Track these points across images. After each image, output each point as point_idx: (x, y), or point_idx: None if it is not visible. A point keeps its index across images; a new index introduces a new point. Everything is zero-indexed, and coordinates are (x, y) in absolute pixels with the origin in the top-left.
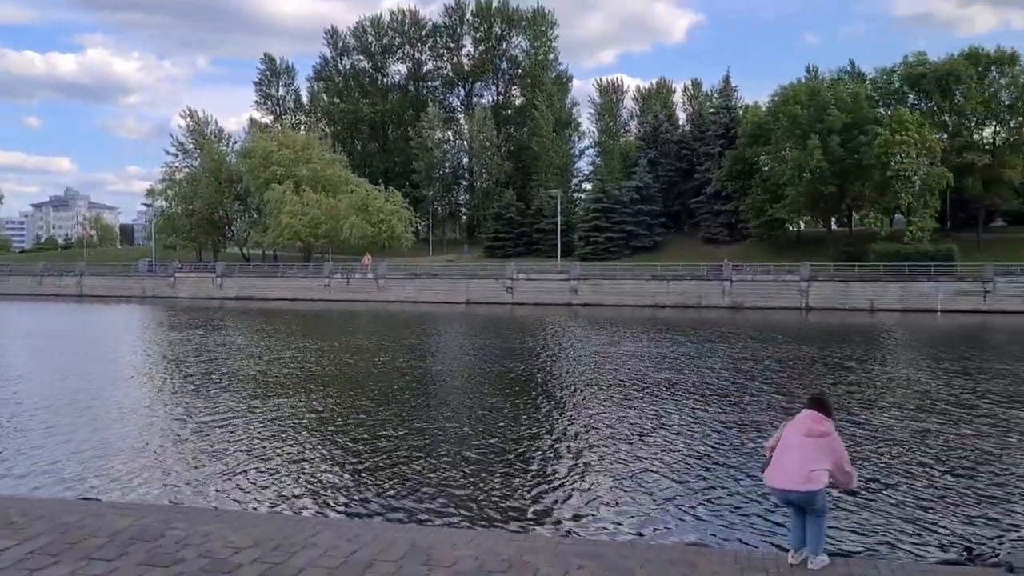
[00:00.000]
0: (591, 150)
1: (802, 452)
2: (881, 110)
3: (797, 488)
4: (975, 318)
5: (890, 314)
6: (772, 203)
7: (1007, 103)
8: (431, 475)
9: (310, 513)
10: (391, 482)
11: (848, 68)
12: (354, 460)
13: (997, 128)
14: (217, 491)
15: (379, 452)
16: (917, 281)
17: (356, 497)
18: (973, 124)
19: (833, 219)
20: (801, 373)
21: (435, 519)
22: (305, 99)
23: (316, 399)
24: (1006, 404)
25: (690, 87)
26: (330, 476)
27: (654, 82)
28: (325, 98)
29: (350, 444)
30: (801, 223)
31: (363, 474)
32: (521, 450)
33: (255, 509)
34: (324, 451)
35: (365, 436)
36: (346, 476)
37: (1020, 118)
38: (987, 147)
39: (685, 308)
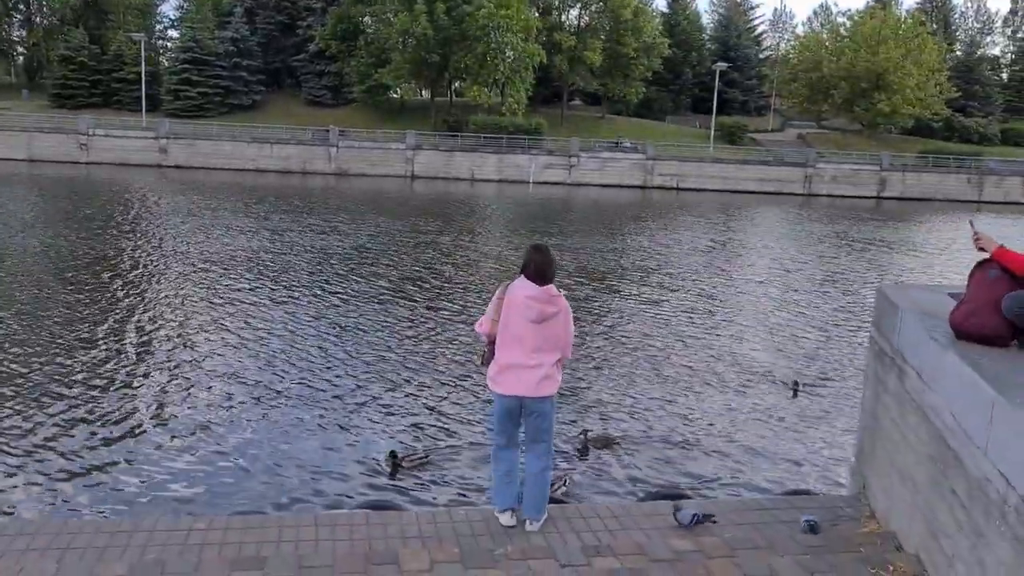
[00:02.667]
0: None
1: (534, 343)
2: None
3: (531, 394)
4: (562, 190)
5: (489, 184)
6: (377, 68)
7: None
8: None
9: None
10: None
11: None
12: None
13: (581, 11)
14: None
15: None
16: (513, 153)
17: None
18: (562, 5)
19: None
20: (388, 251)
21: None
22: None
23: None
24: (581, 281)
25: None
26: None
27: None
28: None
29: None
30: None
31: None
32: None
33: None
34: None
35: None
36: None
37: (601, 3)
38: (572, 30)
39: (289, 174)
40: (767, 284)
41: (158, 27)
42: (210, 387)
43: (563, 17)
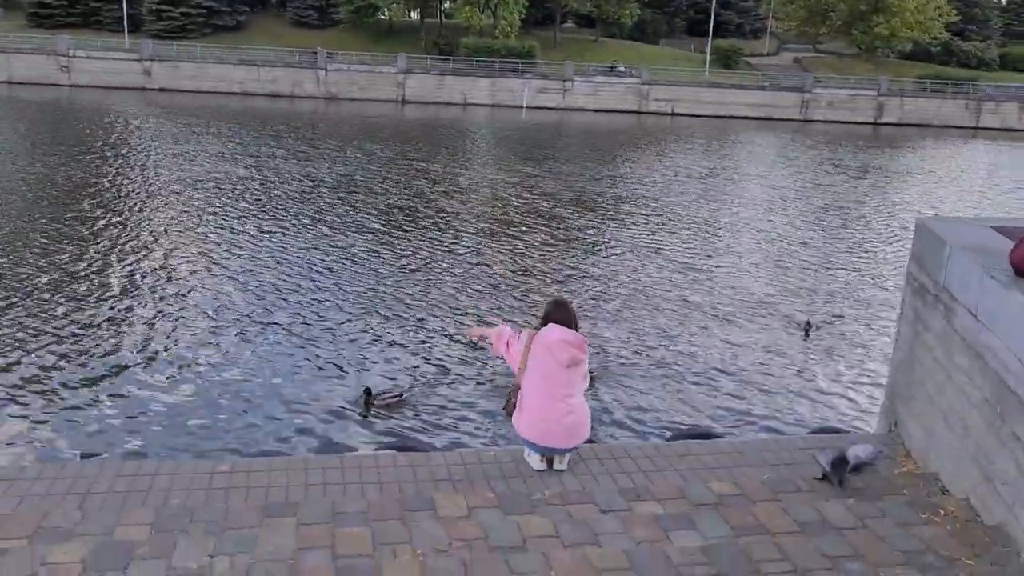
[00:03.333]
0: None
1: (564, 390)
2: None
3: (563, 445)
4: (555, 115)
5: (481, 108)
6: None
7: None
8: None
9: None
10: None
11: None
12: None
13: None
14: None
15: None
16: (506, 77)
17: None
18: None
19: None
20: (378, 178)
21: None
22: None
23: None
24: (575, 211)
25: None
26: None
27: None
28: None
29: None
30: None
31: None
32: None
33: None
34: None
35: None
36: None
37: None
38: None
39: (278, 97)
40: (766, 213)
41: None
42: (196, 321)
43: None
